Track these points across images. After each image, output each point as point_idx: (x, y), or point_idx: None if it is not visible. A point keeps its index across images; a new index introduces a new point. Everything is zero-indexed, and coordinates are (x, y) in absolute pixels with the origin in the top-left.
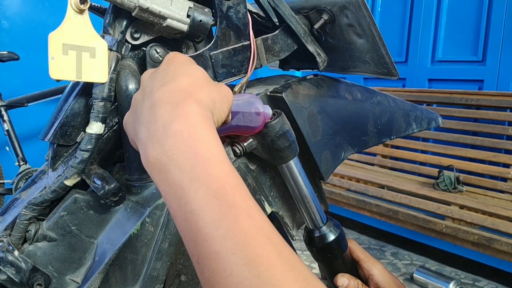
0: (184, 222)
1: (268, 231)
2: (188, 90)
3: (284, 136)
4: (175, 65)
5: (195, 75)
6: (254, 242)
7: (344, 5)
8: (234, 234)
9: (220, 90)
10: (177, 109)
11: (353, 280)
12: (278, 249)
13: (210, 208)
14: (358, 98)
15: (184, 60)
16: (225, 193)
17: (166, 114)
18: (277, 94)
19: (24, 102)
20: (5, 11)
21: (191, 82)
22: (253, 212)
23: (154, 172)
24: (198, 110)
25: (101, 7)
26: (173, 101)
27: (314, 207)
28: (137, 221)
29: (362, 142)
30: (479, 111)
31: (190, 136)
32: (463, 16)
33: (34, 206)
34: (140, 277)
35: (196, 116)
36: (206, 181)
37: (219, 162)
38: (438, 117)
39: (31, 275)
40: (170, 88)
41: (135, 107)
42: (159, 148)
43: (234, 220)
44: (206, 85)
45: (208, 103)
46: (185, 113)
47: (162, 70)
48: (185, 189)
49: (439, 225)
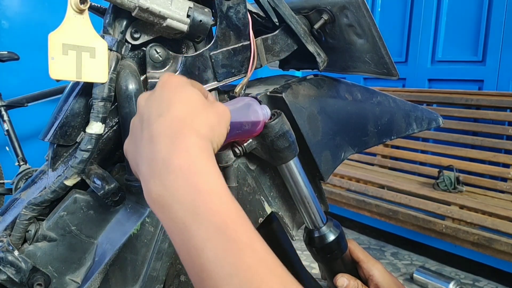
0: (188, 257)
1: (272, 263)
2: (185, 120)
3: (283, 136)
4: (170, 90)
5: (190, 101)
6: (258, 277)
7: (344, 5)
8: (238, 271)
9: (216, 112)
10: (175, 143)
11: (353, 280)
12: (282, 281)
13: (213, 244)
14: (358, 98)
15: (178, 83)
16: (226, 227)
17: (165, 148)
18: (277, 94)
19: (24, 102)
20: (5, 11)
21: (188, 110)
22: (256, 245)
23: (157, 208)
24: (197, 142)
25: (101, 7)
26: (171, 133)
27: (314, 207)
28: (137, 221)
29: (362, 143)
30: (479, 111)
31: (190, 171)
32: (463, 16)
33: (34, 206)
34: (140, 277)
35: (195, 149)
36: (207, 216)
37: (219, 195)
38: (439, 117)
39: (31, 275)
40: (167, 118)
41: (135, 135)
42: (160, 185)
43: (238, 255)
44: (202, 110)
45: (207, 132)
46: (184, 146)
47: (158, 96)
48: (187, 225)
49: (439, 225)
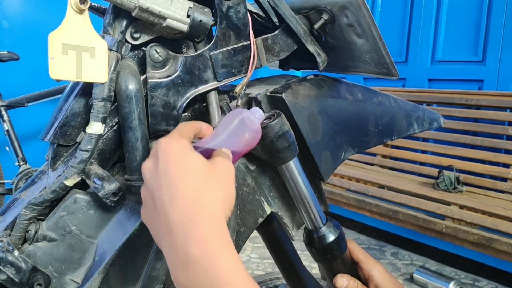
0: None
1: None
2: (197, 204)
3: (283, 137)
4: (173, 165)
5: (196, 174)
6: None
7: (344, 5)
8: None
9: (222, 178)
10: (191, 233)
11: (353, 281)
12: None
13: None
14: (359, 98)
15: (179, 154)
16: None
17: (183, 239)
18: (277, 94)
19: (24, 102)
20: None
21: (196, 187)
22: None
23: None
24: (211, 228)
25: (101, 7)
26: (186, 223)
27: (314, 207)
28: (137, 221)
29: (362, 143)
30: (479, 111)
31: (208, 262)
32: (463, 16)
33: (34, 206)
34: (140, 277)
35: (211, 236)
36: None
37: (237, 284)
38: (440, 118)
39: (31, 275)
40: (179, 205)
41: (149, 209)
42: (183, 275)
43: None
44: (210, 183)
45: (219, 209)
46: (200, 236)
47: (163, 173)
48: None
49: (439, 225)
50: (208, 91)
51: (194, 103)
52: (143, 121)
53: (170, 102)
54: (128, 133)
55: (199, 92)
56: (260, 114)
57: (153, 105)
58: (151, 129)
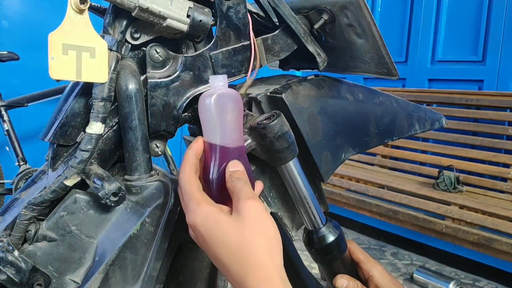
0: None
1: None
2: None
3: (283, 137)
4: (212, 242)
5: (232, 248)
6: None
7: (344, 5)
8: None
9: (254, 226)
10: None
11: (352, 281)
12: None
13: None
14: (359, 98)
15: (210, 231)
16: None
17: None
18: (277, 94)
19: (24, 102)
20: (5, 11)
21: (236, 259)
22: None
23: None
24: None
25: (101, 7)
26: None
27: (314, 208)
28: (137, 221)
29: (363, 143)
30: (479, 111)
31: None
32: (463, 16)
33: (34, 206)
34: (140, 277)
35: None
36: None
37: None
38: (442, 118)
39: (31, 275)
40: (234, 275)
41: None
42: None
43: None
44: (249, 244)
45: (267, 263)
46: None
47: (207, 249)
48: None
49: (439, 225)
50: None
51: (194, 103)
52: (143, 121)
53: (170, 102)
54: (128, 133)
55: (199, 92)
56: (222, 78)
57: (153, 105)
58: (151, 129)
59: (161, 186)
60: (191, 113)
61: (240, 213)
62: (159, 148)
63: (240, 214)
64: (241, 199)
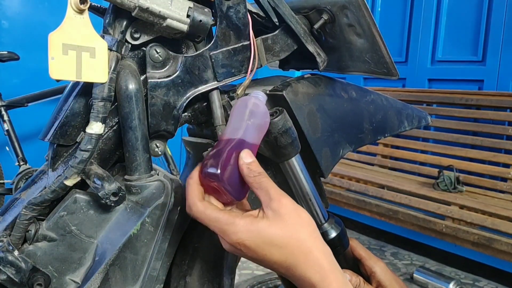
0: None
1: None
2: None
3: (286, 133)
4: (256, 253)
5: (275, 250)
6: None
7: (344, 5)
8: None
9: (291, 221)
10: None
11: (355, 276)
12: None
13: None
14: (353, 96)
15: (253, 243)
16: None
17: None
18: (278, 92)
19: (24, 102)
20: (5, 11)
21: (283, 256)
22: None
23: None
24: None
25: (101, 7)
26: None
27: (316, 204)
28: (137, 221)
29: (358, 140)
30: (479, 111)
31: None
32: (463, 16)
33: (34, 206)
34: (140, 277)
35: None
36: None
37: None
38: (427, 116)
39: (31, 275)
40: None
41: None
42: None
43: None
44: (292, 240)
45: (314, 250)
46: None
47: (255, 259)
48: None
49: (439, 225)
50: (210, 91)
51: (194, 103)
52: (143, 121)
53: (170, 102)
54: (128, 133)
55: (199, 92)
56: (262, 96)
57: (153, 105)
58: (151, 129)
59: (161, 186)
60: (191, 113)
61: (278, 213)
62: (159, 148)
63: (278, 215)
64: (273, 200)
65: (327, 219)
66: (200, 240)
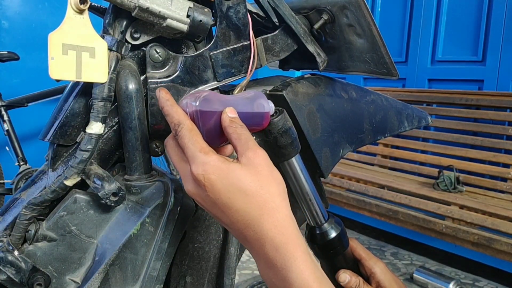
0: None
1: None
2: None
3: (287, 133)
4: (223, 195)
5: (245, 196)
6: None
7: (344, 5)
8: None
9: (264, 173)
10: (280, 252)
11: (355, 277)
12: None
13: None
14: (353, 96)
15: (221, 184)
16: None
17: (272, 254)
18: (277, 92)
19: (24, 102)
20: (5, 11)
21: (250, 207)
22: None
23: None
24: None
25: (101, 7)
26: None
27: (316, 204)
28: (137, 221)
29: (358, 140)
30: (479, 111)
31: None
32: (463, 16)
33: (34, 206)
34: (140, 277)
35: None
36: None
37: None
38: (428, 116)
39: (31, 275)
40: (241, 227)
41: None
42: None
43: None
44: (262, 190)
45: (282, 206)
46: (292, 256)
47: (218, 203)
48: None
49: (439, 225)
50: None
51: None
52: (143, 121)
53: None
54: (128, 133)
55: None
56: (272, 106)
57: (153, 105)
58: (151, 129)
59: (161, 186)
60: None
61: (253, 162)
62: (159, 148)
63: (252, 163)
64: (250, 149)
65: (327, 219)
66: (200, 240)
